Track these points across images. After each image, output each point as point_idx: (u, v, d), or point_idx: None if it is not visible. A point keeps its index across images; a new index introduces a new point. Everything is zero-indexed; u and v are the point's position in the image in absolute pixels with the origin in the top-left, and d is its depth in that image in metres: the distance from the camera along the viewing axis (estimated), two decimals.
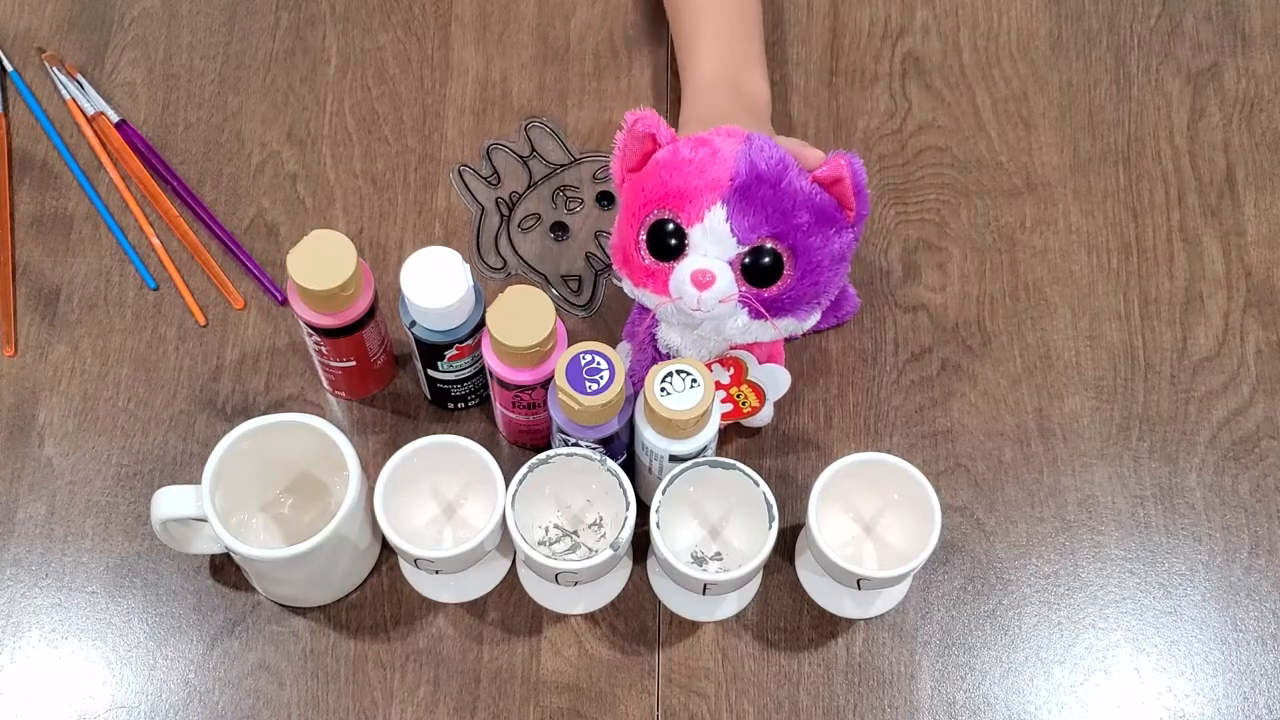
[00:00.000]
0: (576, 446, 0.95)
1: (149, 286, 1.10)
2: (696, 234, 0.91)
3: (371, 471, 0.97)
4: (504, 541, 0.97)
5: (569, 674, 0.98)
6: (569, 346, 0.93)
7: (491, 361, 0.96)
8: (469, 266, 0.95)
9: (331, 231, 0.95)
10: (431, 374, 1.01)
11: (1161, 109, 1.17)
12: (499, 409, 1.01)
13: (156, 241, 1.11)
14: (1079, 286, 1.10)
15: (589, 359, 0.92)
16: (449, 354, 0.98)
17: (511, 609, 1.00)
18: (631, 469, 0.99)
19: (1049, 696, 0.98)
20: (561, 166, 1.14)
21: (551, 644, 0.99)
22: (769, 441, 1.05)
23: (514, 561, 1.01)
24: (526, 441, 1.04)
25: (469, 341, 0.98)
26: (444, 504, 1.00)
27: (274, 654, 0.99)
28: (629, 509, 0.93)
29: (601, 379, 0.92)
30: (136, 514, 1.02)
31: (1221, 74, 1.19)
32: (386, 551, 1.01)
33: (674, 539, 0.97)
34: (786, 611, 1.00)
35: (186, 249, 1.11)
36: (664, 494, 0.93)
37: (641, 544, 1.00)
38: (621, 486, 0.93)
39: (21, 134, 1.15)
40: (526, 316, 0.93)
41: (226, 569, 1.01)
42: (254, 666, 0.98)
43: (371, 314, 0.99)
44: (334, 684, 0.98)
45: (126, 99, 1.17)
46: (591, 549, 0.98)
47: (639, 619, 1.00)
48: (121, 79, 1.17)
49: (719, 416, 0.96)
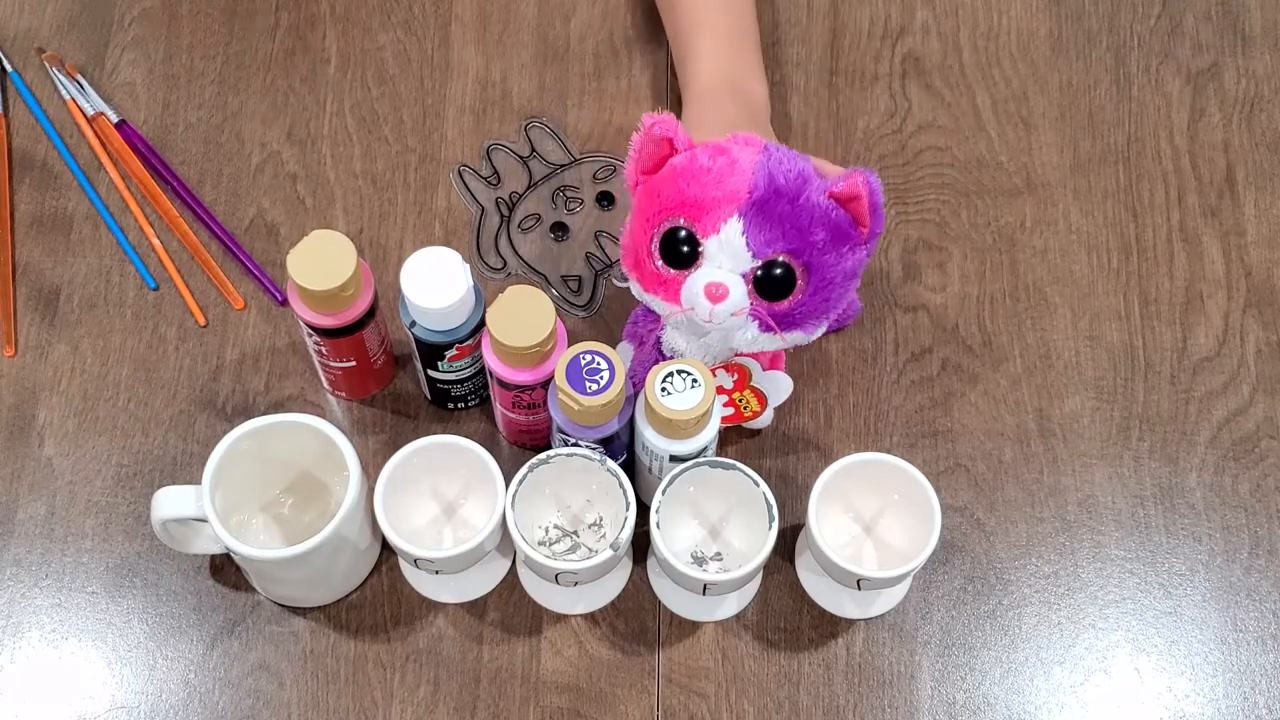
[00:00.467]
0: (576, 446, 0.95)
1: (149, 286, 1.10)
2: (712, 245, 0.90)
3: (371, 471, 0.97)
4: (504, 541, 0.97)
5: (569, 674, 0.98)
6: (569, 346, 0.93)
7: (491, 361, 0.96)
8: (469, 266, 0.95)
9: (331, 231, 0.95)
10: (431, 374, 1.01)
11: (1161, 109, 1.17)
12: (499, 409, 1.01)
13: (156, 241, 1.11)
14: (1079, 286, 1.10)
15: (589, 359, 0.92)
16: (449, 354, 0.98)
17: (511, 609, 1.00)
18: (631, 469, 0.99)
19: (1049, 696, 0.98)
20: (561, 166, 1.14)
21: (551, 644, 0.99)
22: (769, 442, 1.05)
23: (514, 561, 1.01)
24: (526, 441, 1.04)
25: (469, 341, 0.98)
26: (444, 504, 1.00)
27: (274, 654, 0.99)
28: (629, 509, 0.93)
29: (601, 379, 0.92)
30: (136, 514, 1.02)
31: (1221, 74, 1.19)
32: (386, 551, 1.01)
33: (674, 539, 0.97)
34: (786, 611, 1.00)
35: (186, 249, 1.11)
36: (664, 494, 0.93)
37: (641, 544, 1.00)
38: (621, 487, 0.93)
39: (21, 134, 1.15)
40: (526, 316, 0.93)
41: (226, 569, 1.01)
42: (254, 666, 0.98)
43: (371, 314, 0.99)
44: (334, 684, 0.98)
45: (126, 99, 1.17)
46: (591, 549, 0.98)
47: (639, 619, 1.00)
48: (121, 79, 1.17)
49: (719, 417, 0.96)
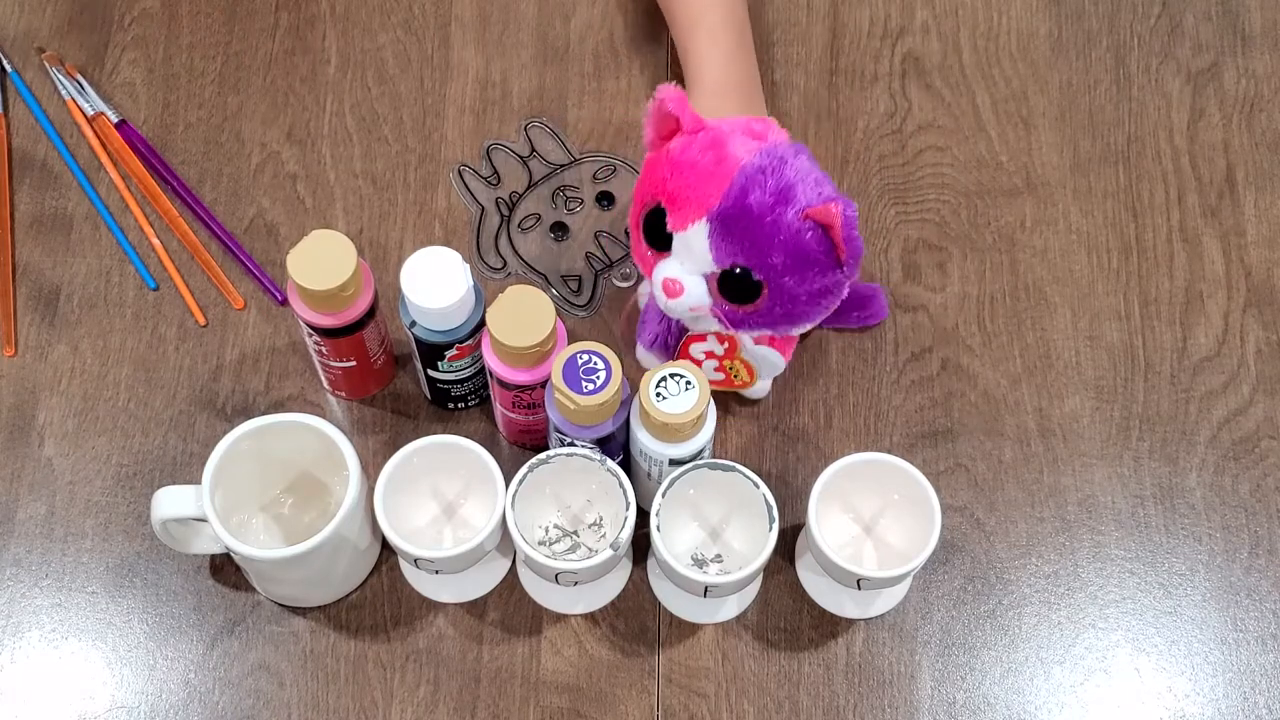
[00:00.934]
0: (575, 446, 0.95)
1: (149, 286, 1.10)
2: (678, 241, 0.92)
3: (371, 471, 0.97)
4: (504, 541, 0.97)
5: (569, 674, 0.98)
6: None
7: (491, 361, 0.96)
8: (469, 266, 0.95)
9: (331, 231, 0.95)
10: (431, 374, 1.01)
11: (1161, 109, 1.17)
12: (499, 409, 1.01)
13: (156, 241, 1.11)
14: (1079, 286, 1.10)
15: (586, 359, 0.92)
16: (449, 354, 0.98)
17: (511, 609, 1.00)
18: (628, 472, 0.99)
19: (1049, 696, 0.98)
20: (561, 166, 1.14)
21: (551, 644, 0.99)
22: (769, 442, 1.05)
23: (514, 561, 1.01)
24: (526, 441, 1.04)
25: (469, 341, 0.98)
26: (444, 504, 1.00)
27: (274, 654, 0.99)
28: (629, 509, 0.92)
29: (598, 379, 0.92)
30: (136, 514, 1.02)
31: (1221, 74, 1.19)
32: (386, 551, 1.01)
33: (674, 541, 0.97)
34: (787, 612, 1.00)
35: (186, 249, 1.11)
36: (664, 496, 0.93)
37: (641, 544, 1.00)
38: (621, 486, 0.93)
39: (21, 134, 1.15)
40: (526, 316, 0.93)
41: (226, 569, 1.01)
42: (254, 666, 0.98)
43: (371, 314, 0.99)
44: (334, 684, 0.98)
45: (126, 99, 1.17)
46: (591, 549, 0.98)
47: (639, 619, 1.00)
48: (121, 79, 1.17)
49: (715, 417, 0.95)
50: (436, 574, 0.99)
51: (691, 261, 0.93)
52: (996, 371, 1.07)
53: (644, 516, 0.95)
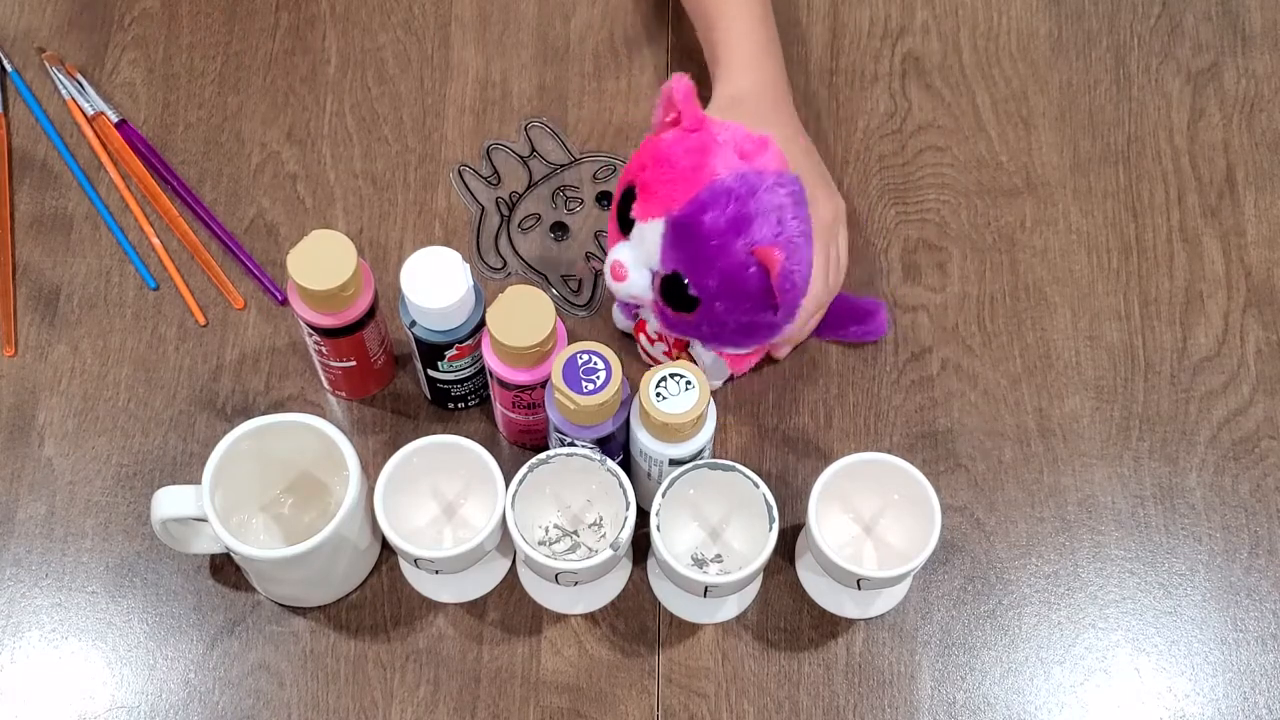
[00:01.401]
0: (575, 446, 0.95)
1: (149, 286, 1.10)
2: (636, 230, 0.94)
3: (371, 471, 0.97)
4: (504, 541, 0.97)
5: (569, 674, 0.98)
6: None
7: (491, 361, 0.96)
8: (469, 266, 0.95)
9: (331, 231, 0.95)
10: (431, 374, 1.01)
11: (1161, 109, 1.17)
12: (499, 409, 1.01)
13: (156, 241, 1.11)
14: (1079, 286, 1.10)
15: (585, 359, 0.92)
16: (449, 354, 0.98)
17: (511, 609, 1.00)
18: (628, 472, 0.99)
19: (1049, 696, 0.98)
20: (561, 166, 1.14)
21: (551, 644, 0.99)
22: (769, 442, 1.05)
23: (514, 561, 1.01)
24: (526, 441, 1.04)
25: (469, 341, 0.98)
26: (444, 504, 1.00)
27: (274, 654, 0.99)
28: (629, 509, 0.92)
29: (598, 379, 0.92)
30: (136, 514, 1.02)
31: (1221, 74, 1.19)
32: (386, 551, 1.01)
33: (674, 541, 0.97)
34: (787, 612, 1.00)
35: (186, 249, 1.11)
36: (664, 496, 0.93)
37: (641, 544, 1.00)
38: (621, 486, 0.93)
39: (21, 134, 1.15)
40: (526, 316, 0.93)
41: (226, 569, 1.01)
42: (254, 666, 0.98)
43: (371, 314, 0.99)
44: (334, 684, 0.98)
45: (126, 99, 1.17)
46: (591, 549, 0.98)
47: (639, 619, 1.00)
48: (121, 79, 1.17)
49: (715, 417, 0.95)
50: (436, 574, 0.99)
51: (643, 252, 0.94)
52: (996, 371, 1.07)
53: (644, 516, 0.95)
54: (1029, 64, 1.19)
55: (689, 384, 0.92)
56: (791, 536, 1.02)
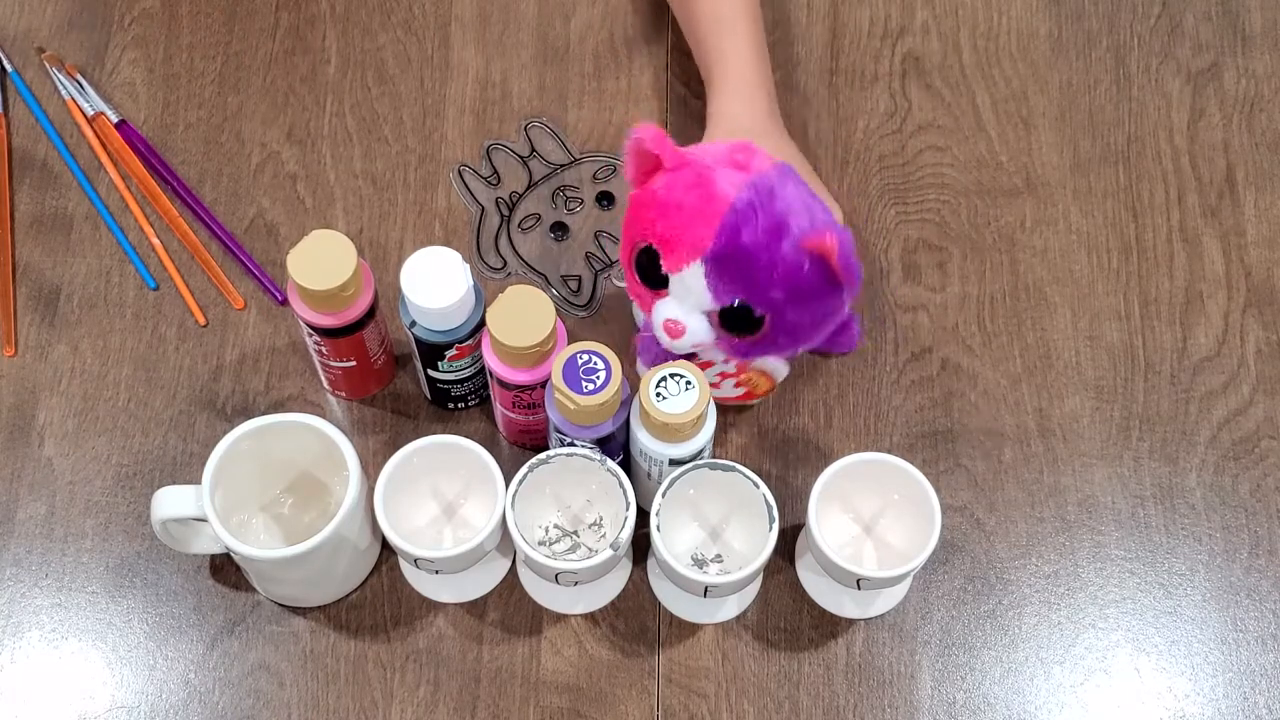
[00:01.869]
0: (575, 446, 0.95)
1: (149, 286, 1.10)
2: (675, 282, 0.91)
3: (371, 471, 0.97)
4: (504, 541, 0.97)
5: (569, 674, 0.98)
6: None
7: (491, 361, 0.96)
8: (469, 266, 0.95)
9: (331, 231, 0.95)
10: (431, 374, 1.01)
11: (1161, 109, 1.17)
12: (499, 409, 1.01)
13: (156, 241, 1.11)
14: (1079, 286, 1.10)
15: (586, 359, 0.92)
16: (449, 354, 0.98)
17: (511, 609, 1.00)
18: (628, 472, 0.99)
19: (1049, 696, 0.98)
20: (561, 166, 1.14)
21: (551, 644, 0.99)
22: (769, 442, 1.05)
23: (514, 561, 1.01)
24: (526, 441, 1.04)
25: (469, 341, 0.98)
26: (444, 504, 1.00)
27: (274, 654, 0.99)
28: (629, 509, 0.92)
29: (598, 379, 0.92)
30: (136, 514, 1.02)
31: (1221, 74, 1.19)
32: (386, 551, 1.01)
33: (674, 542, 0.97)
34: (787, 612, 1.00)
35: (186, 249, 1.11)
36: (664, 496, 0.93)
37: (641, 544, 1.00)
38: (621, 486, 0.93)
39: (21, 134, 1.15)
40: (526, 316, 0.93)
41: (226, 569, 1.01)
42: (254, 666, 0.98)
43: (371, 314, 0.99)
44: (334, 684, 0.98)
45: (126, 99, 1.17)
46: (591, 549, 0.98)
47: (639, 619, 1.00)
48: (121, 79, 1.17)
49: (714, 417, 0.95)
50: (436, 574, 0.99)
51: (691, 300, 0.92)
52: (996, 371, 1.07)
53: (644, 516, 0.95)
54: (1029, 64, 1.19)
55: (689, 384, 0.92)
56: (791, 536, 1.02)
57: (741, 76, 1.07)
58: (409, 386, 1.07)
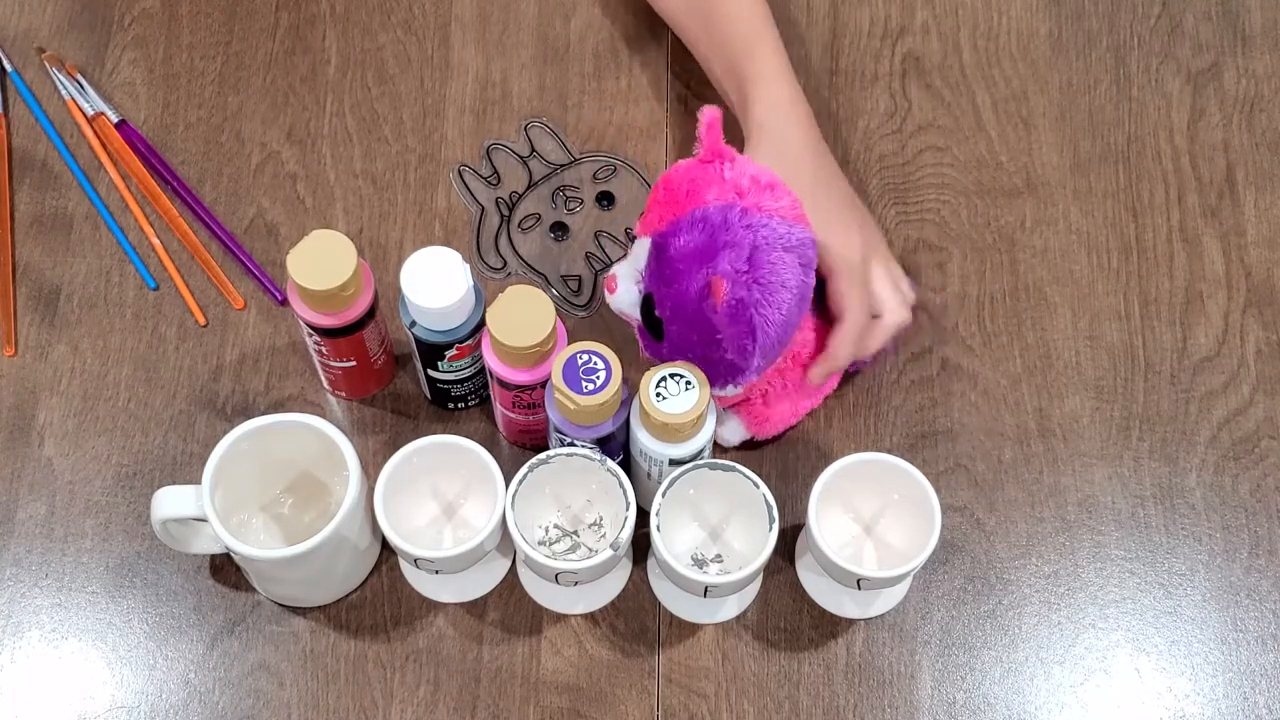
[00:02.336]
0: (575, 446, 0.95)
1: (149, 286, 1.10)
2: (636, 245, 0.94)
3: (371, 471, 0.97)
4: (504, 541, 0.97)
5: (569, 674, 0.98)
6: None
7: (491, 361, 0.96)
8: (469, 266, 0.95)
9: (331, 231, 0.95)
10: (431, 374, 1.01)
11: (1161, 109, 1.17)
12: (499, 409, 1.01)
13: (156, 241, 1.11)
14: (1079, 286, 1.10)
15: (585, 359, 0.92)
16: (449, 354, 0.98)
17: (511, 609, 1.00)
18: (628, 472, 0.99)
19: (1049, 696, 0.98)
20: (561, 166, 1.14)
21: (551, 644, 0.99)
22: (769, 442, 1.05)
23: (514, 561, 1.01)
24: (526, 441, 1.04)
25: (469, 341, 0.98)
26: (444, 504, 1.00)
27: (274, 654, 0.99)
28: (629, 509, 0.92)
29: (598, 379, 0.92)
30: (136, 514, 1.02)
31: (1221, 74, 1.19)
32: (386, 551, 1.01)
33: (674, 542, 0.97)
34: (787, 612, 1.00)
35: (186, 249, 1.11)
36: (664, 497, 0.93)
37: (641, 544, 1.00)
38: (621, 486, 0.93)
39: (21, 134, 1.15)
40: (526, 316, 0.93)
41: (226, 569, 1.01)
42: (254, 666, 0.98)
43: (371, 314, 0.99)
44: (334, 684, 0.98)
45: (126, 99, 1.17)
46: (591, 549, 0.98)
47: (639, 619, 1.00)
48: (121, 79, 1.17)
49: (715, 418, 0.95)
50: (436, 574, 0.99)
51: (634, 268, 0.94)
52: (996, 371, 1.07)
53: (644, 516, 0.95)
54: (1029, 64, 1.19)
55: (689, 384, 0.92)
56: (791, 536, 1.02)
57: (780, 90, 1.05)
58: (409, 386, 1.07)
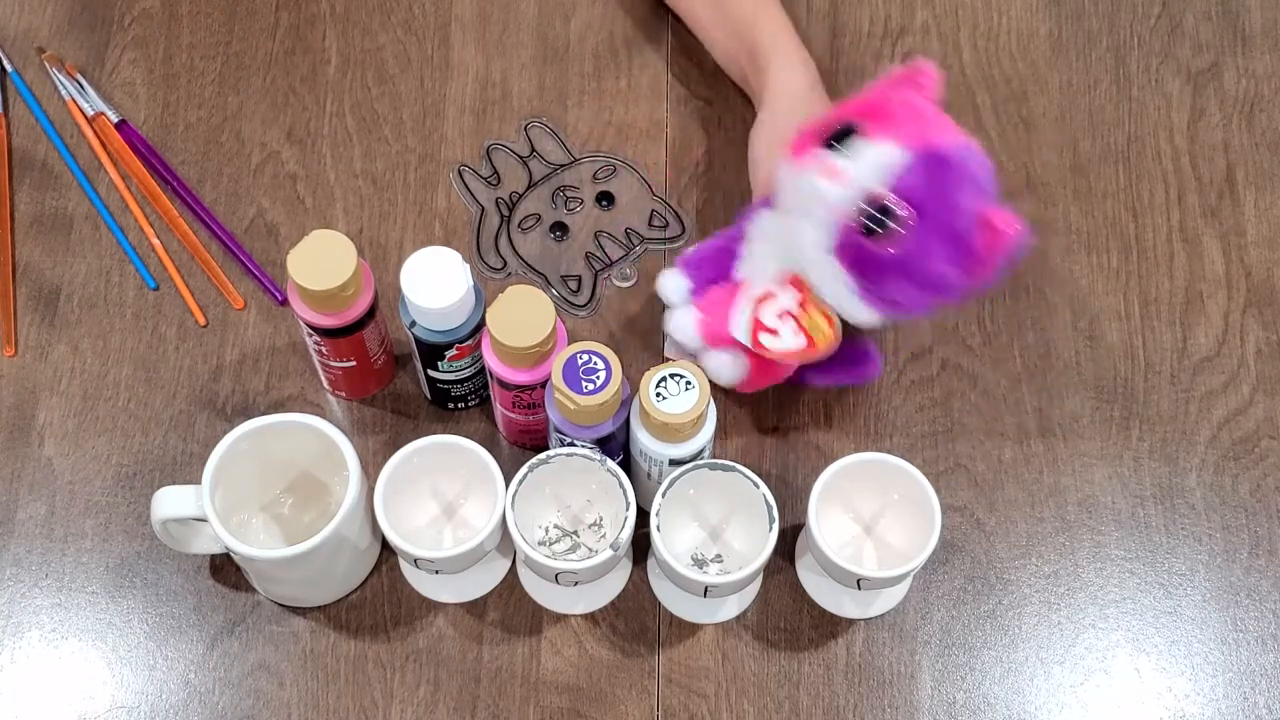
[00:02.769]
0: (575, 446, 0.95)
1: (149, 286, 1.10)
2: (854, 146, 0.90)
3: (371, 471, 0.97)
4: (504, 541, 0.97)
5: (569, 674, 0.98)
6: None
7: (491, 361, 0.96)
8: (469, 266, 0.95)
9: (331, 231, 0.95)
10: (431, 374, 1.01)
11: (1161, 109, 1.17)
12: (499, 409, 1.01)
13: (156, 241, 1.11)
14: (1079, 286, 1.10)
15: (586, 358, 0.92)
16: (449, 354, 0.98)
17: (511, 609, 1.00)
18: (628, 472, 0.99)
19: (1049, 696, 0.98)
20: (561, 166, 1.14)
21: (551, 644, 0.99)
22: (769, 442, 1.05)
23: (514, 561, 1.01)
24: (526, 441, 1.04)
25: (469, 341, 0.98)
26: (444, 504, 1.00)
27: (274, 654, 0.99)
28: (629, 509, 0.92)
29: (598, 379, 0.92)
30: (136, 514, 1.02)
31: (1221, 74, 1.19)
32: (386, 551, 1.01)
33: (674, 542, 0.97)
34: (787, 612, 1.00)
35: (186, 249, 1.11)
36: (664, 497, 0.93)
37: (641, 544, 1.00)
38: (621, 486, 0.93)
39: (21, 134, 1.15)
40: (526, 316, 0.93)
41: (226, 569, 1.01)
42: (254, 666, 0.98)
43: (371, 314, 0.99)
44: (334, 684, 0.98)
45: (126, 99, 1.17)
46: (591, 549, 0.98)
47: (639, 619, 1.00)
48: (121, 79, 1.17)
49: (715, 418, 0.95)
50: (436, 574, 0.99)
51: (865, 171, 0.89)
52: (996, 371, 1.07)
53: (644, 516, 0.95)
54: (1029, 64, 1.19)
55: (689, 384, 0.92)
56: (791, 536, 1.02)
57: (808, 79, 1.07)
58: (409, 386, 1.07)
